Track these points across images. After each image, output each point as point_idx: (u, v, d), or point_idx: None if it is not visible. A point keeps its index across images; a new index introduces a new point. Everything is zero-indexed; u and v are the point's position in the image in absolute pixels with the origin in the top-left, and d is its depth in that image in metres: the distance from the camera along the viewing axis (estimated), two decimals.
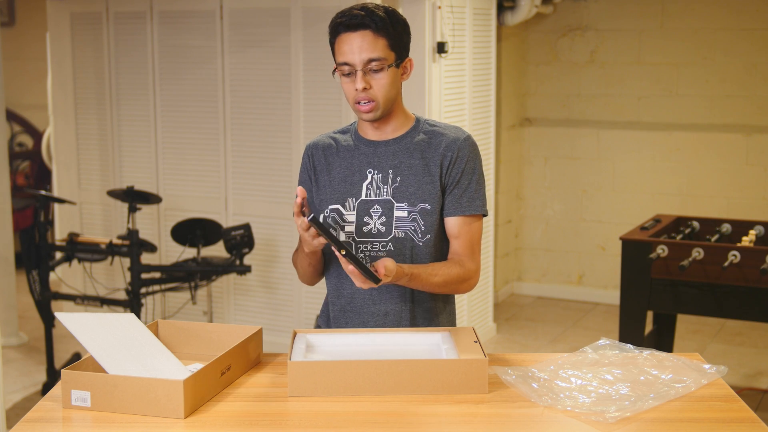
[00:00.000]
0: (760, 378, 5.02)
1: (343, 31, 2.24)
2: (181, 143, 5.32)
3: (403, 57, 2.30)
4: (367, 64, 2.23)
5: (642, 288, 4.04)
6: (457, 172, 2.31)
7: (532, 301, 6.52)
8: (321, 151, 2.40)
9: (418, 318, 2.37)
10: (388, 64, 2.24)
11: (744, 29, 5.89)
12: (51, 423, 1.89)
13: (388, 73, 2.25)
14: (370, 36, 2.22)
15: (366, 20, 2.22)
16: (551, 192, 6.51)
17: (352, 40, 2.22)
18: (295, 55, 4.91)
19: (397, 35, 2.26)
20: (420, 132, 2.36)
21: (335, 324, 2.41)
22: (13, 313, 5.49)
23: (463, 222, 2.33)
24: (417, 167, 2.32)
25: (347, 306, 2.38)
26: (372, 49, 2.22)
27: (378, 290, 2.33)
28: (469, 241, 2.33)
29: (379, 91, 2.25)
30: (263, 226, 5.10)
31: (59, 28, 5.59)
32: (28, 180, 7.44)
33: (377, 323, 2.35)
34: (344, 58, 2.24)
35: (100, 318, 2.01)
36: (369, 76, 2.24)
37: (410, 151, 2.33)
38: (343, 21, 2.24)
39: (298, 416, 1.89)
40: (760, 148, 5.95)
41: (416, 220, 2.31)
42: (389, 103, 2.29)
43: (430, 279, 2.25)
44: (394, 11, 2.28)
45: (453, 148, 2.32)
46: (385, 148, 2.35)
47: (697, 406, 1.94)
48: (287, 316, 5.15)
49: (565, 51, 6.36)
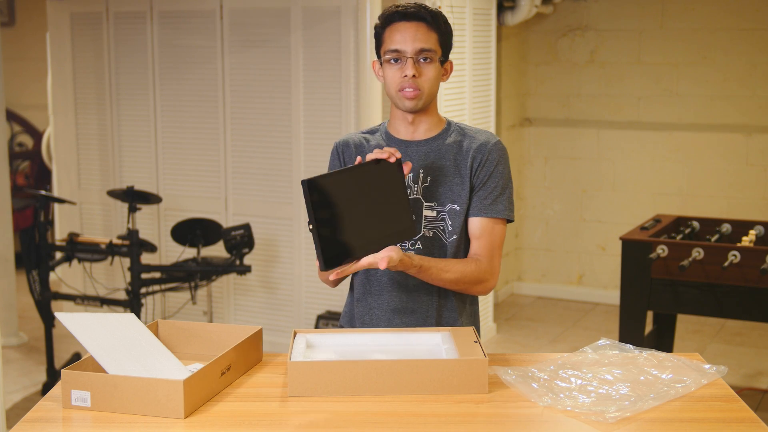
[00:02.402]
0: (760, 378, 5.02)
1: (398, 20, 2.31)
2: (181, 143, 5.32)
3: (446, 58, 2.37)
4: (419, 53, 2.29)
5: (642, 288, 4.04)
6: (485, 174, 2.34)
7: (532, 301, 6.52)
8: (352, 148, 2.42)
9: (444, 317, 2.39)
10: (438, 58, 2.32)
11: (744, 29, 5.90)
12: (51, 423, 1.89)
13: (435, 67, 2.32)
14: (425, 28, 2.30)
15: (422, 12, 2.31)
16: (551, 192, 6.51)
17: (407, 29, 2.30)
18: (295, 55, 4.91)
19: (446, 34, 2.35)
20: (451, 134, 2.39)
21: (360, 322, 2.42)
22: (13, 313, 5.49)
23: (486, 224, 2.34)
24: (448, 168, 2.35)
25: (374, 303, 2.39)
26: (425, 39, 2.30)
27: (405, 286, 2.36)
28: (490, 244, 2.35)
29: (425, 83, 2.31)
30: (263, 226, 5.10)
31: (59, 28, 5.59)
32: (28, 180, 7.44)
33: (403, 321, 2.37)
34: (396, 45, 2.30)
35: (100, 318, 2.01)
36: (418, 65, 2.30)
37: (442, 152, 2.36)
38: (399, 10, 2.32)
39: (298, 416, 1.89)
40: (760, 148, 5.95)
41: (444, 220, 2.34)
42: (431, 97, 2.35)
43: (441, 274, 2.27)
44: (442, 13, 2.37)
45: (483, 151, 2.35)
46: (416, 148, 2.38)
47: (697, 406, 1.94)
48: (287, 316, 5.15)
49: (565, 51, 6.36)
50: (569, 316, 6.17)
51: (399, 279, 2.36)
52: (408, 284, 2.36)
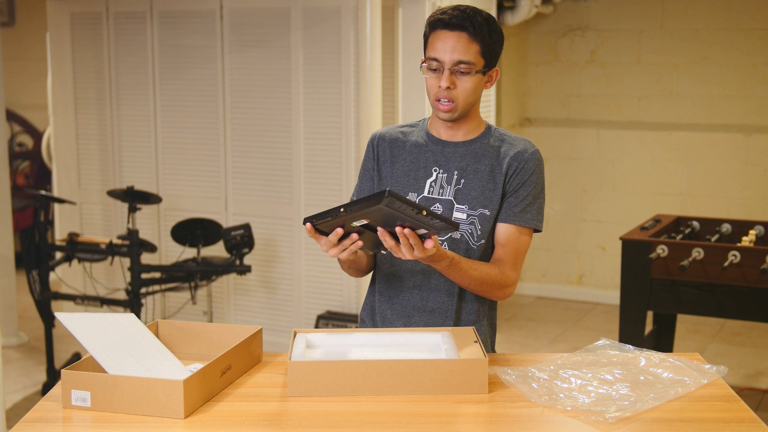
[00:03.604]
0: (760, 378, 5.02)
1: (440, 28, 2.27)
2: (181, 143, 5.32)
3: (491, 66, 2.32)
4: (456, 65, 2.26)
5: (642, 288, 4.04)
6: (518, 182, 2.34)
7: (532, 301, 6.52)
8: (387, 142, 2.41)
9: (463, 318, 2.38)
10: (476, 70, 2.27)
11: (744, 29, 5.90)
12: (51, 423, 1.89)
13: (473, 78, 2.28)
14: (466, 39, 2.25)
15: (465, 22, 2.25)
16: (551, 192, 6.51)
17: (447, 39, 2.26)
18: (295, 55, 4.91)
19: (491, 44, 2.29)
20: (490, 138, 2.38)
21: (380, 316, 2.42)
22: (13, 313, 5.49)
23: (513, 231, 2.34)
24: (483, 173, 2.34)
25: (395, 299, 2.39)
26: (464, 51, 2.25)
27: (427, 283, 2.35)
28: (514, 251, 2.34)
29: (461, 94, 2.28)
30: (263, 226, 5.10)
31: (59, 28, 5.59)
32: (28, 180, 7.44)
33: (422, 320, 2.37)
34: (435, 53, 2.27)
35: (100, 318, 2.01)
36: (455, 77, 2.27)
37: (478, 156, 2.35)
38: (443, 18, 2.26)
39: (298, 416, 1.89)
40: (760, 148, 5.95)
41: (474, 224, 2.33)
42: (468, 107, 2.31)
43: (469, 271, 2.26)
44: (493, 20, 2.31)
45: (520, 159, 2.34)
46: (454, 149, 2.37)
47: (697, 406, 1.94)
48: (287, 316, 5.15)
49: (565, 51, 6.36)
50: (569, 316, 6.17)
51: (421, 277, 2.36)
52: (430, 283, 2.36)
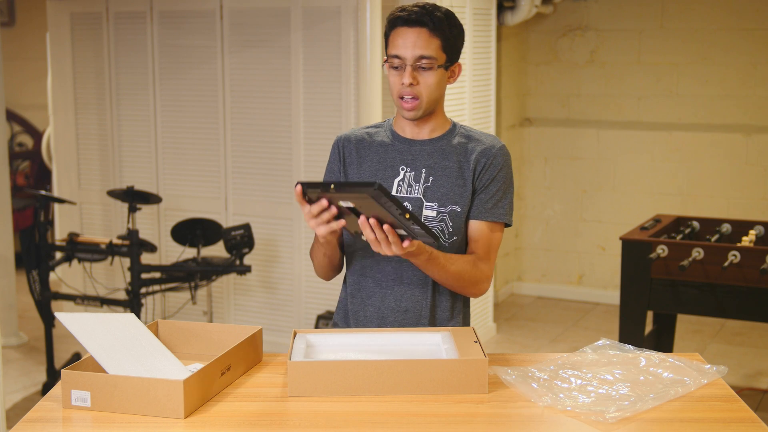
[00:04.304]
0: (760, 378, 5.02)
1: (400, 25, 2.28)
2: (181, 143, 5.32)
3: (453, 61, 2.33)
4: (417, 60, 2.26)
5: (642, 288, 4.04)
6: (488, 178, 2.33)
7: (532, 301, 6.52)
8: (353, 144, 2.41)
9: (438, 316, 2.38)
10: (437, 65, 2.28)
11: (744, 29, 5.90)
12: (51, 423, 1.89)
13: (436, 74, 2.28)
14: (426, 34, 2.26)
15: (425, 18, 2.26)
16: (551, 192, 6.51)
17: (408, 35, 2.26)
18: (295, 55, 4.91)
19: (452, 38, 2.30)
20: (456, 136, 2.38)
21: (353, 319, 2.42)
22: (13, 313, 5.49)
23: (485, 227, 2.34)
24: (451, 169, 2.34)
25: (368, 300, 2.39)
26: (425, 46, 2.26)
27: (400, 284, 2.35)
28: (487, 246, 2.35)
29: (424, 90, 2.28)
30: (263, 226, 5.10)
31: (59, 28, 5.59)
32: (28, 180, 7.44)
33: (396, 319, 2.37)
34: (396, 50, 2.27)
35: (100, 318, 2.01)
36: (417, 73, 2.27)
37: (445, 153, 2.35)
38: (402, 15, 2.27)
39: (298, 416, 1.89)
40: (760, 148, 5.95)
41: (444, 221, 2.33)
42: (432, 103, 2.32)
43: (447, 266, 2.26)
44: (453, 15, 2.32)
45: (488, 155, 2.34)
46: (420, 147, 2.37)
47: (697, 406, 1.94)
48: (287, 316, 5.15)
49: (565, 51, 6.36)
50: (569, 316, 6.17)
51: (393, 278, 2.36)
52: (402, 283, 2.36)
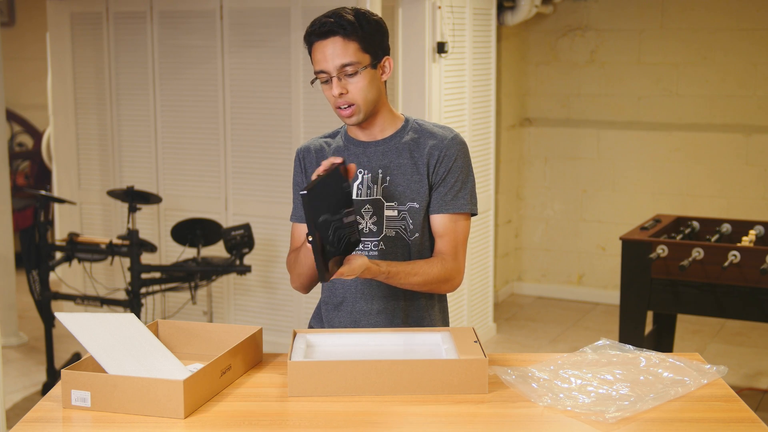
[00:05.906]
0: (760, 378, 5.02)
1: (315, 40, 2.25)
2: (181, 143, 5.32)
3: (379, 57, 2.29)
4: (340, 69, 2.23)
5: (642, 288, 4.04)
6: (443, 170, 2.32)
7: (532, 301, 6.52)
8: (313, 153, 2.41)
9: (411, 316, 2.38)
10: (362, 67, 2.24)
11: (744, 29, 5.90)
12: (51, 423, 1.89)
13: (363, 76, 2.25)
14: (340, 41, 2.22)
15: (334, 27, 2.22)
16: (551, 192, 6.51)
17: (324, 48, 2.23)
18: (295, 55, 4.91)
19: (368, 37, 2.25)
20: (409, 131, 2.37)
21: (327, 323, 2.42)
22: (13, 313, 5.49)
23: (448, 220, 2.33)
24: (406, 166, 2.33)
25: (340, 305, 2.39)
26: (343, 54, 2.22)
27: (370, 288, 2.35)
28: (453, 240, 2.33)
29: (357, 95, 2.25)
30: (263, 226, 5.10)
31: (59, 28, 5.59)
32: (28, 180, 7.44)
33: (369, 321, 2.37)
34: (319, 66, 2.25)
35: (100, 318, 2.01)
36: (345, 81, 2.24)
37: (399, 150, 2.34)
38: (313, 30, 2.25)
39: (298, 416, 1.89)
40: (760, 148, 5.95)
41: (405, 219, 2.33)
42: (370, 105, 2.29)
43: (408, 278, 2.26)
44: (364, 13, 2.27)
45: (440, 147, 2.32)
46: (374, 149, 2.36)
47: (697, 406, 1.94)
48: (287, 316, 5.15)
49: (565, 51, 6.36)
50: (569, 316, 6.17)
51: (363, 281, 2.35)
52: (372, 286, 2.36)
